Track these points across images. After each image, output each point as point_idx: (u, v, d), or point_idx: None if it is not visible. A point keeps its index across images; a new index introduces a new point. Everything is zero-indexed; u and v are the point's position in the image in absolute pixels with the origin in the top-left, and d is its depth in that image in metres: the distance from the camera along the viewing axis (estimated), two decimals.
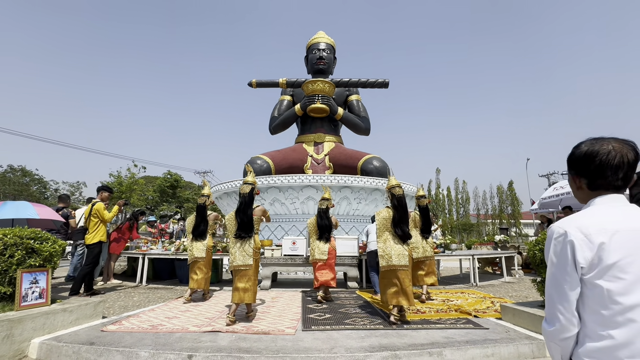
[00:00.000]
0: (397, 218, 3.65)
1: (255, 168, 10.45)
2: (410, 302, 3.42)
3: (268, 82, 12.69)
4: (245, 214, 3.66)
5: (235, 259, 3.57)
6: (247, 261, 3.54)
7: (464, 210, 38.99)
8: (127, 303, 4.47)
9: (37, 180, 36.10)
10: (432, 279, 4.72)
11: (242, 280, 3.51)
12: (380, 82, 12.46)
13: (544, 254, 3.34)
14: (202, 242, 4.66)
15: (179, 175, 37.64)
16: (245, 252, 3.56)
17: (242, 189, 3.82)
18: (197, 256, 4.59)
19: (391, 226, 3.67)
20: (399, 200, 3.73)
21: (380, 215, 3.78)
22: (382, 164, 10.12)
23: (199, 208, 4.77)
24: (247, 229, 3.64)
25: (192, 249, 4.65)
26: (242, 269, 3.54)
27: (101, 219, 5.16)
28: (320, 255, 4.58)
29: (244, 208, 3.69)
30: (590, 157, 0.97)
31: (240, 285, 3.49)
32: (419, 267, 4.69)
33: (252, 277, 3.54)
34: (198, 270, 4.59)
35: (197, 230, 4.69)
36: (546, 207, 8.72)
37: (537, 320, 3.14)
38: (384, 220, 3.73)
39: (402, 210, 3.70)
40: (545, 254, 1.05)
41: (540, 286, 3.41)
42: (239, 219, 3.65)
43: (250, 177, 3.93)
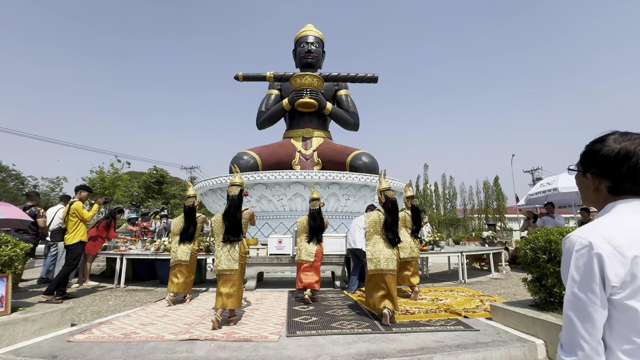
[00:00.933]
0: (390, 222, 3.55)
1: (242, 164, 10.17)
2: (396, 306, 3.37)
3: (255, 76, 12.37)
4: (234, 217, 3.50)
5: (221, 262, 3.39)
6: (233, 266, 3.37)
7: (451, 206, 39.54)
8: (102, 308, 4.20)
9: (14, 176, 34.65)
10: (417, 278, 4.69)
11: (226, 285, 3.34)
12: (370, 77, 12.30)
13: (535, 253, 3.27)
14: (188, 246, 4.45)
15: (165, 171, 36.79)
16: (232, 256, 3.39)
17: (230, 190, 3.65)
18: (181, 259, 4.38)
19: (382, 230, 3.57)
20: (393, 204, 3.64)
21: (370, 218, 3.66)
22: (371, 159, 10.00)
23: (188, 211, 4.56)
24: (236, 232, 3.48)
25: (177, 251, 4.43)
26: (226, 273, 3.36)
27: (80, 219, 4.90)
28: (307, 256, 4.43)
29: (234, 211, 3.52)
30: (623, 157, 0.81)
31: (223, 290, 3.32)
32: (405, 267, 4.63)
33: (237, 283, 3.37)
34: (179, 274, 4.37)
35: (186, 233, 4.48)
36: (533, 202, 8.79)
37: (528, 321, 3.06)
38: (374, 223, 3.62)
39: (395, 214, 3.60)
40: (563, 269, 0.89)
41: (530, 285, 3.33)
42: (228, 222, 3.48)
43: (238, 177, 3.76)
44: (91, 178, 30.09)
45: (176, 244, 4.48)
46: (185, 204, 4.57)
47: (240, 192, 3.62)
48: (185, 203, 4.56)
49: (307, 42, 12.67)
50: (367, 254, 3.57)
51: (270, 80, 12.12)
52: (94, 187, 30.04)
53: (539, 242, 3.22)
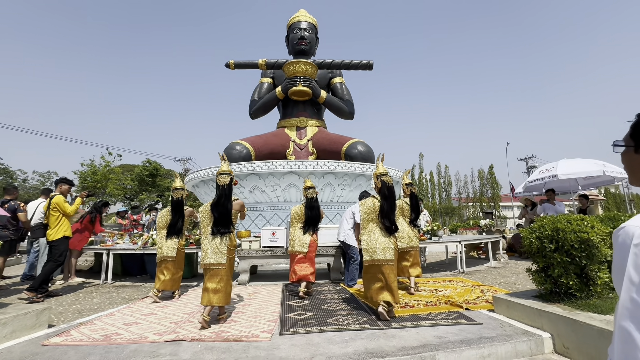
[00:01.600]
0: (387, 209, 3.32)
1: (234, 155, 9.89)
2: (396, 298, 3.16)
3: (246, 63, 11.95)
4: (225, 207, 3.28)
5: (207, 256, 3.18)
6: (221, 260, 3.16)
7: (446, 194, 39.72)
8: (85, 306, 3.98)
9: (2, 170, 33.93)
10: (417, 270, 4.48)
11: (212, 280, 3.13)
12: (365, 64, 11.95)
13: (541, 243, 3.10)
14: (174, 240, 4.22)
15: (159, 164, 36.22)
16: (220, 249, 3.18)
17: (219, 180, 3.41)
18: (167, 255, 4.15)
19: (378, 217, 3.35)
20: (389, 189, 3.40)
21: (365, 205, 3.44)
22: (367, 148, 9.77)
23: (176, 203, 4.30)
24: (226, 224, 3.26)
25: (162, 246, 4.20)
26: (213, 267, 3.16)
27: (63, 213, 4.64)
28: (300, 247, 4.22)
29: (224, 201, 3.29)
30: None
31: (210, 285, 3.11)
32: (403, 257, 4.43)
33: (225, 278, 3.16)
34: (166, 270, 4.15)
35: (175, 227, 4.24)
36: (531, 190, 8.67)
37: (534, 313, 2.91)
38: (369, 211, 3.40)
39: (391, 200, 3.37)
40: (616, 267, 0.69)
41: (535, 276, 3.18)
42: (217, 212, 3.26)
43: (226, 166, 3.52)
44: (82, 171, 29.55)
45: (162, 238, 4.25)
46: (172, 196, 4.32)
47: (230, 180, 3.40)
48: (173, 195, 4.31)
49: (300, 28, 12.25)
50: (362, 244, 3.38)
51: (262, 68, 11.73)
52: (86, 181, 29.54)
53: (545, 230, 3.05)
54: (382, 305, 3.12)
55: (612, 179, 7.46)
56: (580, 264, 2.89)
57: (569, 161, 7.33)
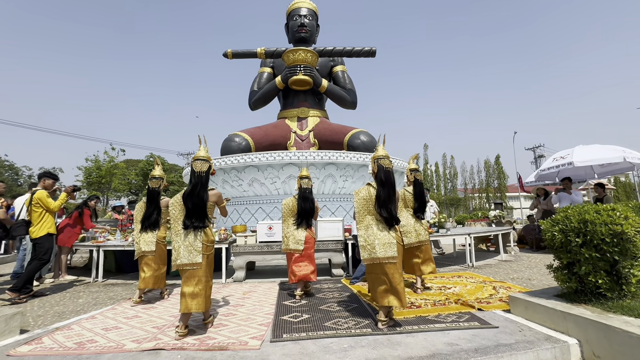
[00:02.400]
0: (383, 197, 2.88)
1: (233, 146, 9.58)
2: (403, 302, 2.75)
3: (245, 52, 11.54)
4: (200, 197, 2.88)
5: (180, 255, 2.79)
6: (195, 259, 2.79)
7: (452, 185, 39.18)
8: (68, 308, 3.74)
9: (7, 167, 34.16)
10: (430, 266, 4.04)
11: (189, 283, 2.76)
12: (367, 51, 11.47)
13: (565, 236, 2.73)
14: (152, 234, 3.90)
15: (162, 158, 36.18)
16: (193, 246, 2.80)
17: (195, 165, 2.99)
18: (145, 250, 3.84)
19: (375, 207, 2.91)
20: (386, 174, 2.96)
21: (360, 195, 2.99)
22: (370, 138, 9.39)
23: (151, 193, 3.97)
24: (200, 216, 2.87)
25: (140, 241, 3.89)
26: (188, 268, 2.79)
27: (46, 209, 4.39)
28: (295, 244, 3.85)
29: (199, 190, 2.90)
30: None
31: (187, 289, 2.74)
32: (413, 254, 4.01)
33: (203, 279, 2.80)
34: (146, 267, 3.85)
35: (149, 220, 3.92)
36: (543, 179, 8.24)
37: (557, 315, 2.58)
38: (364, 200, 2.96)
39: (389, 186, 2.92)
40: None
41: (559, 274, 2.83)
42: (190, 204, 2.85)
43: (203, 150, 3.12)
44: (87, 167, 29.59)
45: (139, 233, 3.95)
46: (148, 185, 3.97)
47: (208, 168, 3.02)
48: (149, 184, 3.96)
49: (300, 15, 11.78)
50: (359, 240, 2.96)
51: (261, 57, 11.34)
52: (91, 176, 29.63)
53: (570, 222, 2.69)
54: (381, 319, 2.77)
55: (631, 166, 7.00)
56: (611, 260, 2.54)
57: (585, 147, 6.89)
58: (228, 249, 5.15)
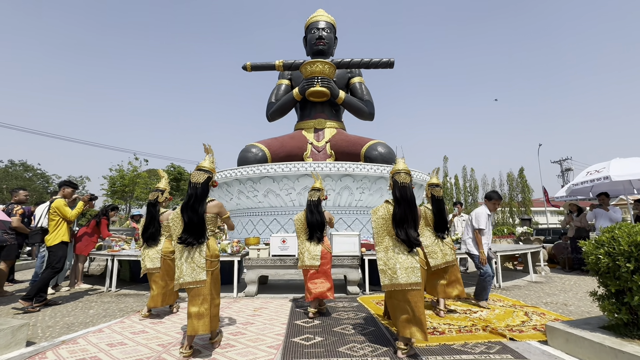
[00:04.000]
0: (399, 216, 2.63)
1: (250, 157, 9.59)
2: (425, 335, 2.45)
3: (263, 65, 11.72)
4: (195, 211, 2.66)
5: (182, 273, 2.61)
6: (199, 276, 2.60)
7: (472, 199, 37.86)
8: (78, 319, 3.68)
9: (39, 175, 36.05)
10: (457, 289, 3.73)
11: (194, 302, 2.57)
12: (385, 62, 11.37)
13: (613, 261, 2.41)
14: (156, 249, 3.76)
15: (182, 168, 37.16)
16: (196, 263, 2.61)
17: (193, 176, 2.80)
18: (149, 267, 3.69)
19: (393, 228, 2.67)
20: (402, 190, 2.71)
21: (378, 214, 2.75)
22: (388, 149, 9.17)
23: (148, 206, 3.83)
24: (197, 232, 2.66)
25: (144, 257, 3.75)
26: (192, 287, 2.60)
27: (63, 217, 4.43)
28: (311, 260, 3.65)
29: (194, 203, 2.68)
30: None
31: (192, 309, 2.55)
32: (438, 275, 3.72)
33: (209, 297, 2.60)
34: (154, 284, 3.69)
35: (146, 233, 3.78)
36: (576, 194, 7.69)
37: (606, 352, 2.25)
38: (383, 220, 2.71)
39: (405, 204, 2.66)
40: None
41: (606, 303, 2.50)
42: (187, 217, 2.65)
43: (207, 161, 2.90)
44: (111, 176, 30.77)
45: (143, 249, 3.81)
46: (148, 197, 3.84)
47: (207, 179, 2.79)
48: (149, 196, 3.84)
49: (318, 28, 11.90)
50: (378, 264, 2.71)
51: (279, 69, 11.47)
52: (114, 185, 30.73)
53: (619, 245, 2.38)
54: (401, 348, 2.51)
55: None
56: None
57: (622, 160, 6.38)
58: (240, 261, 5.02)
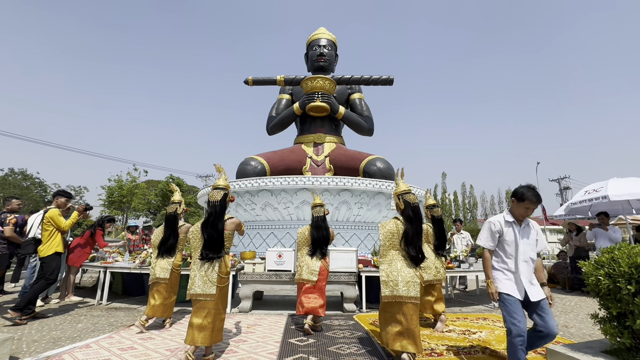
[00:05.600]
0: (412, 234, 2.78)
1: (249, 170, 9.60)
2: (419, 347, 2.52)
3: (265, 80, 11.93)
4: (215, 228, 2.87)
5: (194, 285, 2.76)
6: (209, 290, 2.72)
7: (472, 216, 37.76)
8: (65, 333, 3.57)
9: (37, 184, 35.95)
10: (442, 305, 3.87)
11: (199, 314, 2.69)
12: (385, 79, 11.58)
13: (614, 282, 2.38)
14: (168, 260, 3.82)
15: (181, 179, 37.22)
16: (208, 277, 2.74)
17: (211, 195, 3.02)
18: (160, 277, 3.75)
19: (401, 244, 2.81)
20: (415, 210, 2.88)
21: (386, 228, 2.90)
22: (387, 165, 9.20)
23: (168, 219, 3.95)
24: (216, 247, 2.85)
25: (155, 267, 3.81)
26: (200, 299, 2.72)
27: (57, 227, 4.37)
28: (309, 275, 3.65)
29: (214, 220, 2.89)
30: None
31: (195, 320, 2.66)
32: (428, 291, 3.83)
33: (213, 311, 2.71)
34: (157, 294, 3.72)
35: (165, 245, 3.86)
36: (574, 212, 7.68)
37: None
38: (390, 234, 2.86)
39: (417, 223, 2.84)
40: None
41: (608, 326, 2.44)
42: (207, 234, 2.85)
43: (222, 180, 3.14)
44: (110, 186, 30.70)
45: (155, 258, 3.87)
46: (167, 210, 3.96)
47: (224, 196, 2.99)
48: (167, 210, 3.96)
49: (319, 45, 12.18)
50: (381, 275, 2.82)
51: (280, 84, 11.66)
52: (113, 195, 30.64)
53: (619, 266, 2.35)
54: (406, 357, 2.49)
55: None
56: None
57: (620, 180, 6.40)
58: (235, 276, 4.93)
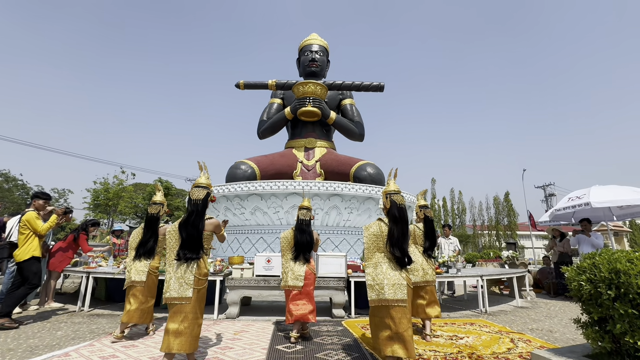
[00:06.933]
0: (397, 235, 2.74)
1: (239, 174, 9.52)
2: (410, 351, 2.48)
3: (256, 84, 11.92)
4: (195, 227, 2.75)
5: (169, 288, 2.62)
6: (185, 293, 2.59)
7: (460, 221, 38.22)
8: (43, 341, 3.44)
9: (20, 186, 34.86)
10: (436, 310, 3.77)
11: (175, 319, 2.54)
12: (375, 86, 11.72)
13: (595, 288, 2.43)
14: (145, 262, 3.65)
15: (170, 183, 36.62)
16: (185, 279, 2.61)
17: (192, 193, 2.90)
18: (135, 280, 3.56)
19: (386, 246, 2.76)
20: (400, 211, 2.83)
21: (370, 230, 2.85)
22: (377, 170, 9.26)
23: (150, 219, 3.78)
24: (195, 247, 2.72)
25: (131, 270, 3.63)
26: (176, 302, 2.58)
27: (33, 231, 4.22)
28: (294, 281, 3.56)
29: (195, 219, 2.77)
30: None
31: (171, 326, 2.51)
32: (417, 294, 3.75)
33: (190, 316, 2.56)
34: (133, 298, 3.53)
35: (145, 247, 3.70)
36: (559, 219, 7.86)
37: None
38: (374, 237, 2.81)
39: (403, 224, 2.80)
40: None
41: (589, 331, 2.49)
42: (186, 233, 2.72)
43: (204, 178, 3.03)
44: (95, 189, 29.95)
45: (131, 260, 3.70)
46: (147, 211, 3.79)
47: (206, 195, 2.89)
48: (148, 210, 3.79)
49: (311, 51, 12.25)
50: (367, 279, 2.76)
51: (272, 89, 11.66)
52: (98, 198, 29.87)
53: (600, 272, 2.40)
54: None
55: None
56: None
57: (602, 188, 6.59)
58: (223, 281, 4.85)
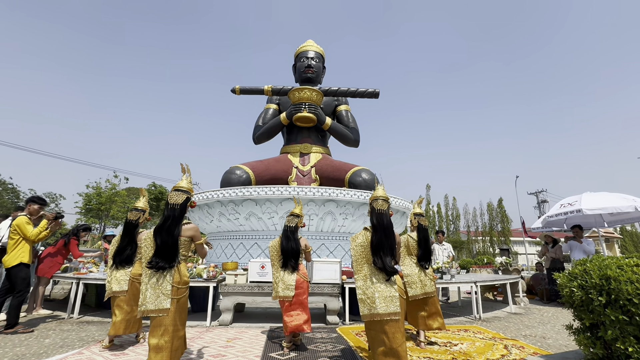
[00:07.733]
0: (375, 243, 2.63)
1: (234, 179, 9.48)
2: None
3: (252, 89, 11.95)
4: (170, 233, 2.51)
5: (145, 300, 2.39)
6: (162, 304, 2.37)
7: (454, 227, 38.41)
8: (30, 349, 3.36)
9: (10, 190, 34.28)
10: (438, 321, 3.66)
11: (155, 333, 2.34)
12: (371, 92, 11.82)
13: (586, 294, 2.46)
14: (125, 271, 3.50)
15: (164, 187, 36.28)
16: (162, 289, 2.39)
17: (171, 197, 2.64)
18: (116, 290, 3.41)
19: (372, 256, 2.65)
20: (379, 217, 2.73)
21: (356, 241, 2.75)
22: (372, 176, 9.30)
23: (127, 226, 3.61)
24: (169, 255, 2.48)
25: (111, 279, 3.47)
26: (153, 315, 2.37)
27: (23, 236, 4.13)
28: (285, 291, 3.42)
29: (170, 225, 2.53)
30: None
31: (152, 341, 2.32)
32: (419, 306, 3.67)
33: (170, 328, 2.36)
34: (117, 309, 3.39)
35: (121, 255, 3.52)
36: (551, 225, 7.94)
37: None
38: (361, 247, 2.70)
39: (382, 231, 2.67)
40: None
41: (582, 337, 2.50)
42: (160, 240, 2.49)
43: (185, 181, 2.77)
44: (87, 193, 29.55)
45: (110, 271, 3.54)
46: (127, 217, 3.61)
47: (185, 200, 2.65)
48: (127, 216, 3.61)
49: (307, 57, 12.37)
50: (357, 292, 2.67)
51: (268, 94, 11.70)
52: (90, 203, 29.44)
53: (590, 278, 2.43)
54: None
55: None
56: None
57: (593, 195, 6.69)
58: (216, 287, 4.80)
